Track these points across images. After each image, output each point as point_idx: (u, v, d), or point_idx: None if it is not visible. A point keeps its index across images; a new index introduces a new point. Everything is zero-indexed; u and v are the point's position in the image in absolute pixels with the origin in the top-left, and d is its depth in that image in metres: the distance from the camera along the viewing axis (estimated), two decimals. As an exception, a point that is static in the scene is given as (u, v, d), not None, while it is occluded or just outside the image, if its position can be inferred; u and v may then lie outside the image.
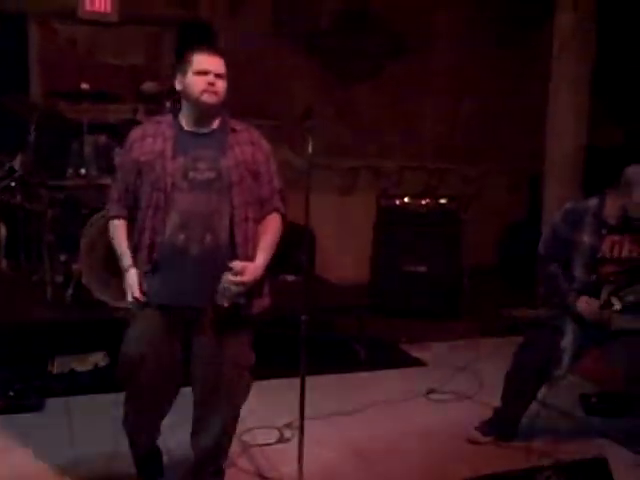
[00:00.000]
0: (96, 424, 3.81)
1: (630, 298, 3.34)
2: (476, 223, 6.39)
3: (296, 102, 6.56)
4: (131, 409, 3.10)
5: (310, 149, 3.05)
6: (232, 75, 2.96)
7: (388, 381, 4.69)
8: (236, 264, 2.82)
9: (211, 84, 2.84)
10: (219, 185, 2.87)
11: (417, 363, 5.05)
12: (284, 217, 3.16)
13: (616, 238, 3.45)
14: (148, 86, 5.57)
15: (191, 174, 2.85)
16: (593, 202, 3.52)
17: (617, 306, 3.36)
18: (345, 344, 5.10)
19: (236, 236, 2.89)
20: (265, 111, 6.58)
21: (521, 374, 3.68)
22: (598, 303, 3.41)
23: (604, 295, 3.40)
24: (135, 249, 2.93)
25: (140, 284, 2.88)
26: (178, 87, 2.92)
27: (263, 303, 3.10)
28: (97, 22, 6.14)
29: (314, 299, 3.58)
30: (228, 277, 2.80)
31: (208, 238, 2.85)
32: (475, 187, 7.14)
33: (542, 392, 3.76)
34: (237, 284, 2.81)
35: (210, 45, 6.08)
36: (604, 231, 3.46)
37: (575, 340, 3.46)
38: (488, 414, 3.88)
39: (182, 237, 2.84)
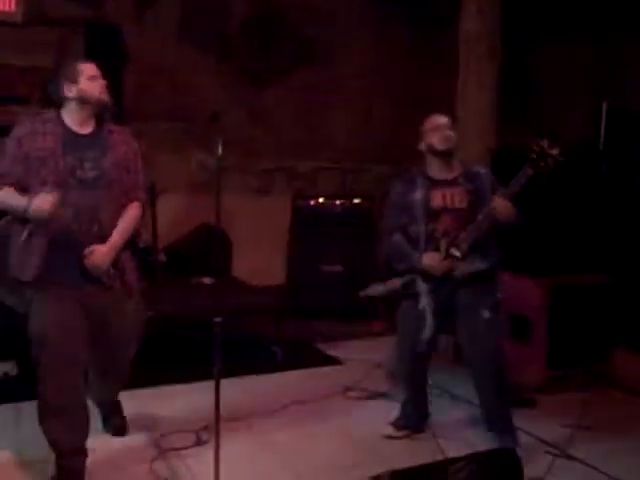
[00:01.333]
0: (8, 433, 3.71)
1: (464, 245, 3.52)
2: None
3: (208, 105, 6.54)
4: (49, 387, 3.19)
5: (220, 151, 3.05)
6: (141, 77, 3.11)
7: (305, 381, 4.72)
8: (87, 250, 3.17)
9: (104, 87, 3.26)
10: (102, 182, 3.21)
11: (333, 362, 5.10)
12: (143, 206, 3.48)
13: (447, 191, 3.64)
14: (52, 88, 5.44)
15: (79, 172, 3.17)
16: (414, 169, 3.78)
17: (457, 254, 3.53)
18: (262, 346, 5.11)
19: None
20: (176, 113, 6.55)
21: (403, 355, 3.81)
22: (440, 256, 3.58)
23: (443, 247, 3.58)
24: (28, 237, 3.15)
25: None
26: (69, 94, 3.22)
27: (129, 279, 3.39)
28: (0, 22, 5.95)
29: (230, 301, 3.58)
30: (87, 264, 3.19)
31: (95, 228, 3.20)
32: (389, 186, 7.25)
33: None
34: (91, 266, 3.18)
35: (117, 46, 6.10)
36: (433, 186, 3.67)
37: (431, 299, 3.61)
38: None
39: (74, 228, 3.15)
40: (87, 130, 3.27)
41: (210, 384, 3.22)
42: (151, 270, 5.37)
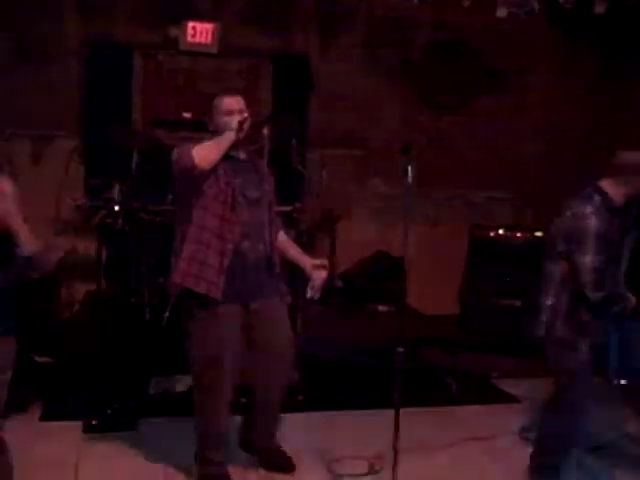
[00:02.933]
0: (188, 445, 3.87)
1: None
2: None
3: (387, 132, 6.60)
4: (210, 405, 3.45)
5: (410, 182, 3.06)
6: (326, 106, 3.23)
7: (480, 417, 4.61)
8: (322, 261, 3.51)
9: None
10: (263, 202, 3.45)
11: (510, 399, 4.94)
12: None
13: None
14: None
15: (246, 192, 3.40)
16: (597, 198, 3.39)
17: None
18: (436, 376, 5.04)
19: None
20: (355, 141, 6.65)
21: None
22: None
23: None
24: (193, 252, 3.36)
25: None
26: (210, 126, 3.53)
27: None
28: (198, 53, 6.32)
29: (406, 330, 3.56)
30: (318, 273, 3.48)
31: (261, 247, 3.41)
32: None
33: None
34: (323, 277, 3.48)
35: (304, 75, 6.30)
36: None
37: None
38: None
39: (245, 245, 3.36)
40: (242, 155, 3.51)
41: (384, 412, 3.22)
42: (327, 295, 5.44)
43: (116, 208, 5.12)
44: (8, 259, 2.71)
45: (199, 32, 6.18)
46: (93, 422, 4.15)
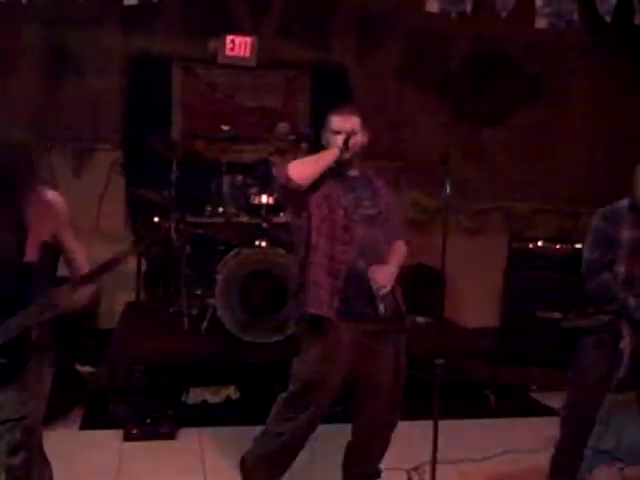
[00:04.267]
0: (226, 455, 3.89)
1: None
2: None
3: (425, 144, 6.58)
4: (288, 429, 3.28)
5: (448, 193, 3.06)
6: (363, 117, 3.25)
7: (518, 429, 4.57)
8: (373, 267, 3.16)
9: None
10: (379, 220, 3.28)
11: (549, 412, 4.88)
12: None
13: None
14: (282, 128, 5.73)
15: (361, 209, 3.24)
16: (624, 201, 3.50)
17: None
18: (475, 389, 5.01)
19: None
20: (393, 153, 6.64)
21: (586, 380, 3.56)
22: None
23: None
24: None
25: None
26: (323, 141, 3.34)
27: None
28: (236, 66, 6.39)
29: (445, 343, 3.55)
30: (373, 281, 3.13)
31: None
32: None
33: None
34: (377, 283, 3.13)
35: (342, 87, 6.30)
36: None
37: (631, 341, 3.39)
38: (628, 470, 3.71)
39: (361, 265, 3.18)
40: (354, 172, 3.34)
41: (421, 424, 3.20)
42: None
43: (156, 219, 5.19)
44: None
45: (238, 45, 6.25)
46: (133, 431, 4.20)
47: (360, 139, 3.29)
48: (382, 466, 3.50)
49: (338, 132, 3.24)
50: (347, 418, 3.54)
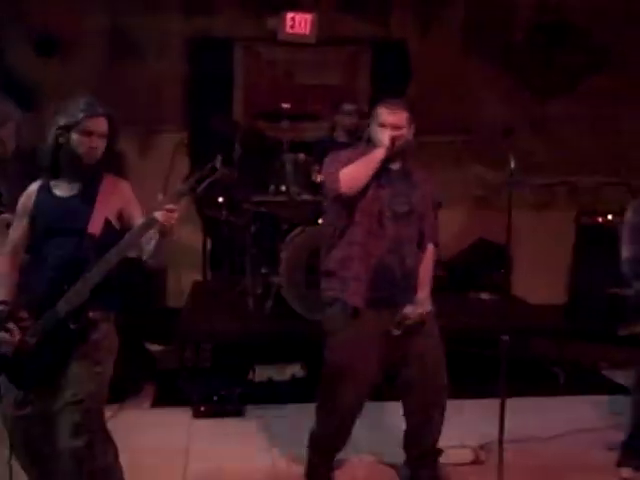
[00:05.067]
0: (293, 432, 3.93)
1: None
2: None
3: (488, 118, 6.46)
4: (330, 413, 3.37)
5: (512, 167, 3.00)
6: (424, 92, 3.18)
7: (589, 408, 4.49)
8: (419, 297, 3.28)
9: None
10: (412, 217, 3.28)
11: (620, 390, 4.78)
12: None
13: None
14: (347, 106, 5.69)
15: (394, 206, 3.22)
16: None
17: None
18: (543, 367, 4.94)
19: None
20: (456, 127, 6.54)
21: None
22: None
23: None
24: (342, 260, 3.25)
25: None
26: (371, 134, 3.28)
27: None
28: (296, 44, 6.37)
29: (511, 319, 3.50)
30: (413, 310, 3.24)
31: (408, 261, 3.27)
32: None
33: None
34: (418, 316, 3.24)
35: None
36: None
37: None
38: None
39: (389, 260, 3.22)
40: (395, 166, 3.29)
41: (489, 402, 3.17)
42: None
43: (220, 199, 5.23)
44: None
45: (297, 23, 6.22)
46: (202, 408, 4.28)
47: (406, 134, 3.23)
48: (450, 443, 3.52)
49: (384, 125, 3.20)
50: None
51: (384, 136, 3.18)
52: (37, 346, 2.68)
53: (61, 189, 2.79)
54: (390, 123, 3.19)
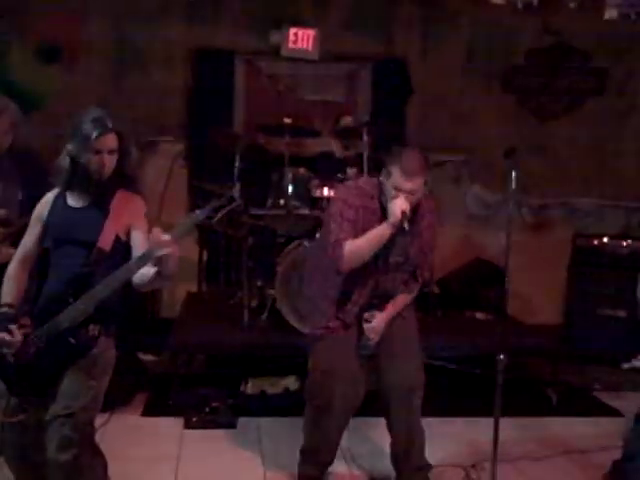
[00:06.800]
0: (285, 446, 3.92)
1: None
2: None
3: (488, 138, 6.49)
4: (316, 424, 3.41)
5: (513, 187, 3.01)
6: (425, 110, 3.16)
7: (581, 429, 4.47)
8: (368, 314, 3.28)
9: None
10: (403, 268, 3.30)
11: (613, 413, 4.78)
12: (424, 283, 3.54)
13: None
14: (345, 121, 5.72)
15: (389, 257, 3.23)
16: None
17: None
18: (536, 387, 4.93)
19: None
20: (455, 146, 6.57)
21: None
22: None
23: None
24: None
25: None
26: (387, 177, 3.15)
27: None
28: (299, 59, 6.40)
29: (506, 339, 3.50)
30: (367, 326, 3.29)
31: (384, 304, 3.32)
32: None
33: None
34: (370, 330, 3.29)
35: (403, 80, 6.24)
36: None
37: None
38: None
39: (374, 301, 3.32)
40: None
41: (481, 421, 3.16)
42: (424, 302, 5.40)
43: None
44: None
45: (300, 38, 6.26)
46: (194, 419, 4.26)
47: (419, 198, 3.15)
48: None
49: (399, 189, 3.07)
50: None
51: (395, 207, 3.04)
52: (35, 355, 2.68)
53: (75, 200, 2.81)
54: (405, 190, 3.06)
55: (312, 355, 3.39)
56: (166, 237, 2.52)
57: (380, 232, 3.09)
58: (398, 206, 3.03)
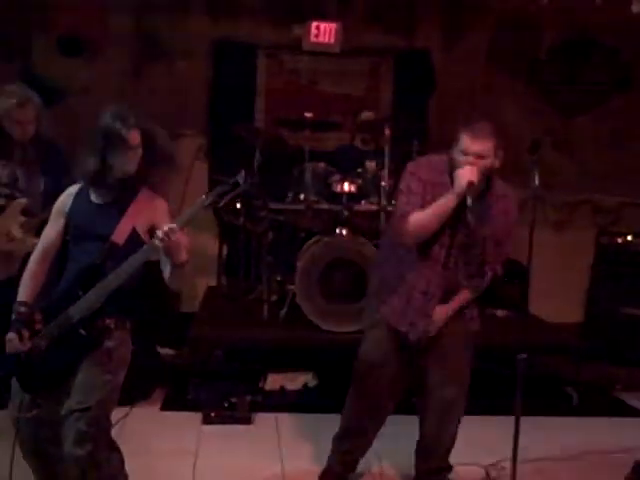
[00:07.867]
0: (303, 442, 3.91)
1: None
2: None
3: (511, 133, 6.40)
4: (354, 408, 3.39)
5: (537, 182, 2.97)
6: (446, 103, 3.10)
7: (601, 429, 4.43)
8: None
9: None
10: (472, 254, 3.10)
11: (634, 413, 4.72)
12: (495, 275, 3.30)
13: None
14: (366, 115, 5.69)
15: (458, 236, 3.08)
16: None
17: None
18: (557, 386, 4.89)
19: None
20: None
21: None
22: None
23: None
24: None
25: None
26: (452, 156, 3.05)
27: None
28: (320, 53, 6.36)
29: (527, 337, 3.46)
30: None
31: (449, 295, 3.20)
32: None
33: None
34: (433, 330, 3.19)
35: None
36: None
37: None
38: None
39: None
40: (469, 201, 2.97)
41: (501, 419, 3.12)
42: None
43: (238, 206, 5.22)
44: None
45: (322, 32, 6.21)
46: (212, 414, 4.26)
47: (489, 164, 3.03)
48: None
49: (466, 153, 2.97)
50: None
51: (461, 176, 2.94)
52: (47, 350, 2.69)
53: (97, 195, 2.82)
54: (473, 152, 2.96)
55: (364, 341, 3.37)
56: (171, 225, 2.56)
57: (444, 202, 2.98)
58: (464, 175, 2.93)
